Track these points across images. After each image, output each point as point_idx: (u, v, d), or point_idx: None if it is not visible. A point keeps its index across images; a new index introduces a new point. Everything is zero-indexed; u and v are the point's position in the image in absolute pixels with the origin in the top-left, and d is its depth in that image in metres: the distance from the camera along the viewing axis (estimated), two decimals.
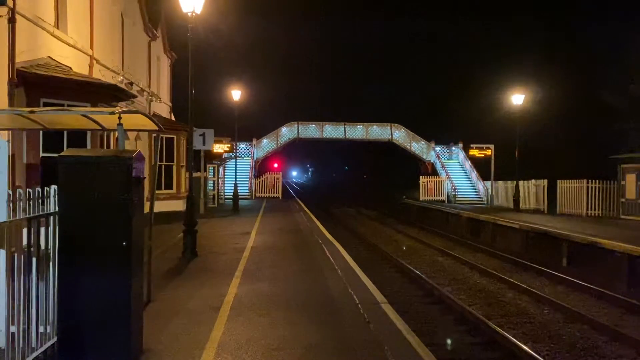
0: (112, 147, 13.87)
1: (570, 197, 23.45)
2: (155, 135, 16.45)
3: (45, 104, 10.42)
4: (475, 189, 34.27)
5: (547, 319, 9.75)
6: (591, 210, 22.28)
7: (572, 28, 47.44)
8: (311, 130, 38.75)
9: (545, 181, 25.54)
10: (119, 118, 6.04)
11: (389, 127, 38.71)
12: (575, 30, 46.16)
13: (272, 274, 9.63)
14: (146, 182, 5.71)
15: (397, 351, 5.60)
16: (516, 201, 26.38)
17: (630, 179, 20.51)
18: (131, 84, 16.13)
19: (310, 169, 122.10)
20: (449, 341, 8.53)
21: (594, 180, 22.36)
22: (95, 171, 4.91)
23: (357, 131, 38.90)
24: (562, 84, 37.03)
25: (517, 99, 26.97)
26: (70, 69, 11.99)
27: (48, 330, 5.14)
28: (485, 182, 33.13)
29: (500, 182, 30.83)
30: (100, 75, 14.12)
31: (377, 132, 38.87)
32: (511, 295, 11.61)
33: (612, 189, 21.98)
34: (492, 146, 32.83)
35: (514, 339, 8.21)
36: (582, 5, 49.41)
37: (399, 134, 38.63)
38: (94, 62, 14.19)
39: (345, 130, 38.64)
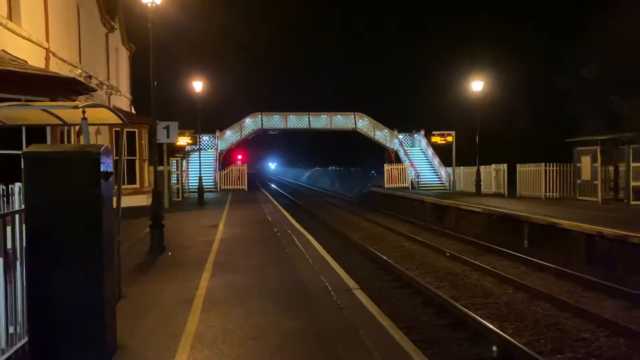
0: (72, 142, 13.53)
1: (529, 180, 24.16)
2: (118, 129, 16.14)
3: (1, 100, 10.06)
4: (437, 175, 34.90)
5: (512, 299, 10.09)
6: (549, 192, 23.02)
7: (529, 15, 48.57)
8: (275, 121, 38.58)
9: (505, 165, 26.22)
10: (83, 112, 5.91)
11: (353, 116, 38.91)
12: (533, 18, 47.25)
13: (243, 265, 9.64)
14: None
15: (371, 335, 5.72)
16: (477, 186, 27.04)
17: (586, 161, 21.26)
18: (90, 77, 15.76)
19: (274, 163, 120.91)
20: (419, 323, 8.74)
21: (551, 164, 23.07)
22: (62, 167, 4.81)
23: (321, 121, 38.95)
24: (520, 70, 37.95)
25: (476, 85, 27.56)
26: (26, 63, 11.60)
27: (18, 331, 5.04)
28: (447, 167, 33.78)
29: (462, 167, 31.48)
30: (57, 68, 13.73)
31: (341, 121, 39.02)
32: (476, 277, 11.95)
33: (568, 172, 22.75)
34: (453, 133, 33.49)
35: (481, 319, 8.48)
36: None
37: (363, 123, 38.88)
38: (51, 55, 13.77)
39: (309, 120, 38.64)
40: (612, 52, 25.47)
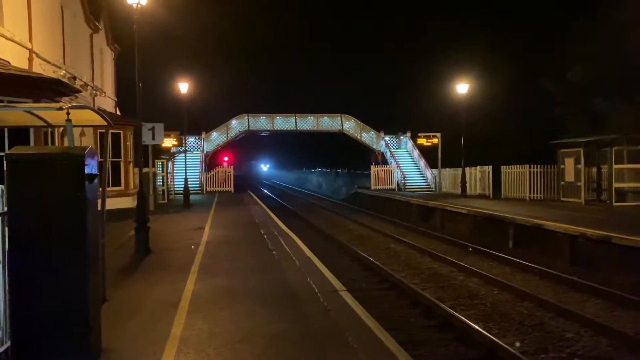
0: (56, 144, 13.38)
1: (514, 182, 24.38)
2: (102, 130, 15.99)
3: None
4: (423, 177, 35.08)
5: (497, 299, 10.17)
6: (533, 193, 23.25)
7: (513, 17, 49.01)
8: (262, 122, 38.50)
9: (490, 167, 26.43)
10: (68, 114, 5.85)
11: (339, 117, 38.98)
12: (517, 19, 47.67)
13: (229, 267, 9.60)
14: None
15: (358, 336, 5.73)
16: (463, 187, 27.24)
17: (569, 162, 21.50)
18: (74, 78, 15.61)
19: (267, 165, 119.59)
20: (405, 324, 8.77)
21: (535, 165, 23.31)
22: (45, 169, 4.76)
23: (308, 122, 38.97)
24: (505, 73, 38.28)
25: (461, 88, 27.77)
26: (8, 63, 11.44)
27: (0, 335, 4.97)
28: (433, 169, 33.99)
29: (447, 169, 31.68)
30: (41, 69, 13.57)
31: (328, 123, 39.07)
32: (462, 278, 12.03)
33: (552, 173, 22.99)
34: (438, 134, 33.71)
35: (466, 320, 8.54)
36: None
37: (349, 125, 38.96)
38: (34, 55, 13.61)
39: (296, 122, 38.63)
40: (595, 55, 25.84)
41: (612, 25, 24.52)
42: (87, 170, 4.84)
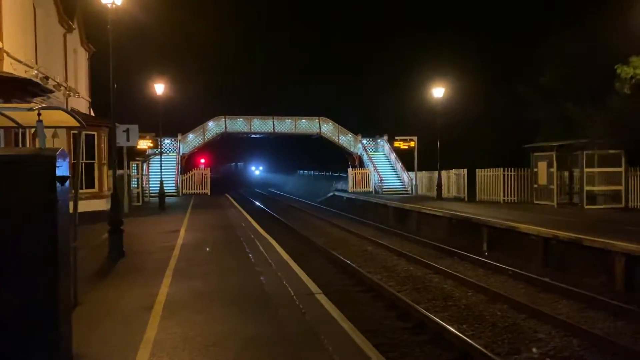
0: (27, 146, 13.15)
1: (489, 185, 24.73)
2: (76, 132, 15.72)
3: None
4: (400, 180, 35.33)
5: (471, 301, 10.29)
6: (507, 196, 23.62)
7: (488, 21, 49.71)
8: (239, 125, 38.30)
9: (465, 170, 26.76)
10: (39, 115, 5.74)
11: (317, 120, 39.00)
12: (492, 24, 48.36)
13: (204, 270, 9.52)
14: None
15: (333, 339, 5.74)
16: (439, 190, 27.50)
17: (542, 166, 21.91)
18: (46, 78, 15.33)
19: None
20: (381, 327, 8.81)
21: (509, 169, 23.70)
22: (16, 171, 4.66)
23: (286, 125, 38.90)
24: (480, 77, 38.78)
25: (437, 92, 28.05)
26: None
27: None
28: (409, 172, 34.27)
29: (424, 172, 31.97)
30: (12, 69, 13.30)
31: (306, 125, 39.06)
32: (437, 280, 12.14)
33: (526, 176, 23.40)
34: (415, 138, 34.01)
35: (441, 322, 8.62)
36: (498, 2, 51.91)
37: (327, 128, 39.02)
38: (4, 55, 13.33)
39: (273, 124, 38.52)
40: (566, 59, 26.34)
41: (583, 29, 25.05)
42: (58, 172, 4.75)
